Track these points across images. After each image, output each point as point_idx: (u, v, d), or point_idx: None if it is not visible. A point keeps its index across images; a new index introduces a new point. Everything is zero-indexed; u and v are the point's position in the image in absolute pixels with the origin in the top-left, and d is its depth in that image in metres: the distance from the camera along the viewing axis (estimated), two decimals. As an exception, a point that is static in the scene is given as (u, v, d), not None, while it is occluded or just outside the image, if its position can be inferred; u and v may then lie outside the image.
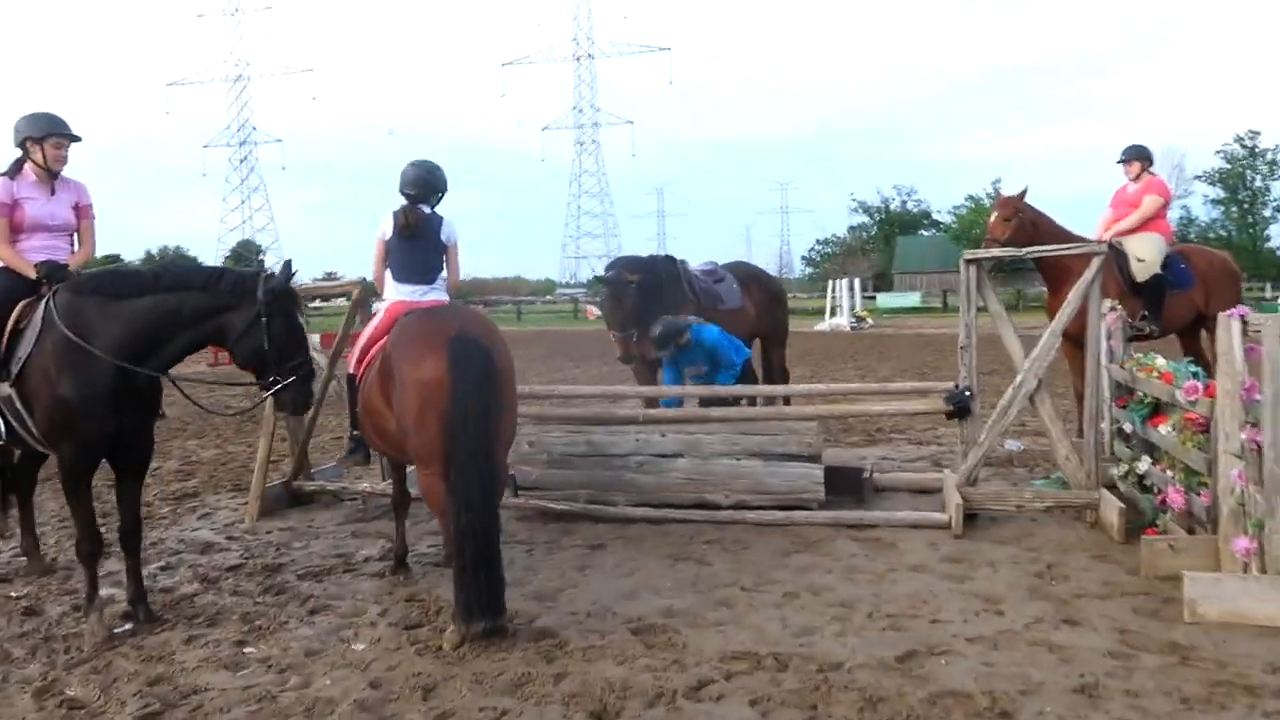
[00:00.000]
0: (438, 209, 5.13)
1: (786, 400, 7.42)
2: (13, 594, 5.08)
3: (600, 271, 7.91)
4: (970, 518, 5.72)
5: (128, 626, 4.51)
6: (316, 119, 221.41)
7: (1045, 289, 7.98)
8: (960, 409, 5.81)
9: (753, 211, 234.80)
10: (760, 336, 8.90)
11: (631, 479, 6.25)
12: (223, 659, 4.10)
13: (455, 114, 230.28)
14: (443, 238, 5.03)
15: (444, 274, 5.09)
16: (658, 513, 6.10)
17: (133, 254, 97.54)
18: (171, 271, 4.52)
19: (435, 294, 4.97)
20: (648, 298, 7.24)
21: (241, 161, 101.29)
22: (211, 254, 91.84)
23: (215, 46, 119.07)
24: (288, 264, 4.66)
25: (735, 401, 6.90)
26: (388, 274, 5.02)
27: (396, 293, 4.96)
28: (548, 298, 73.34)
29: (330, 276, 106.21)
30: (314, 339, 7.29)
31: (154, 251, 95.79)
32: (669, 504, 6.16)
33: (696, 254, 9.17)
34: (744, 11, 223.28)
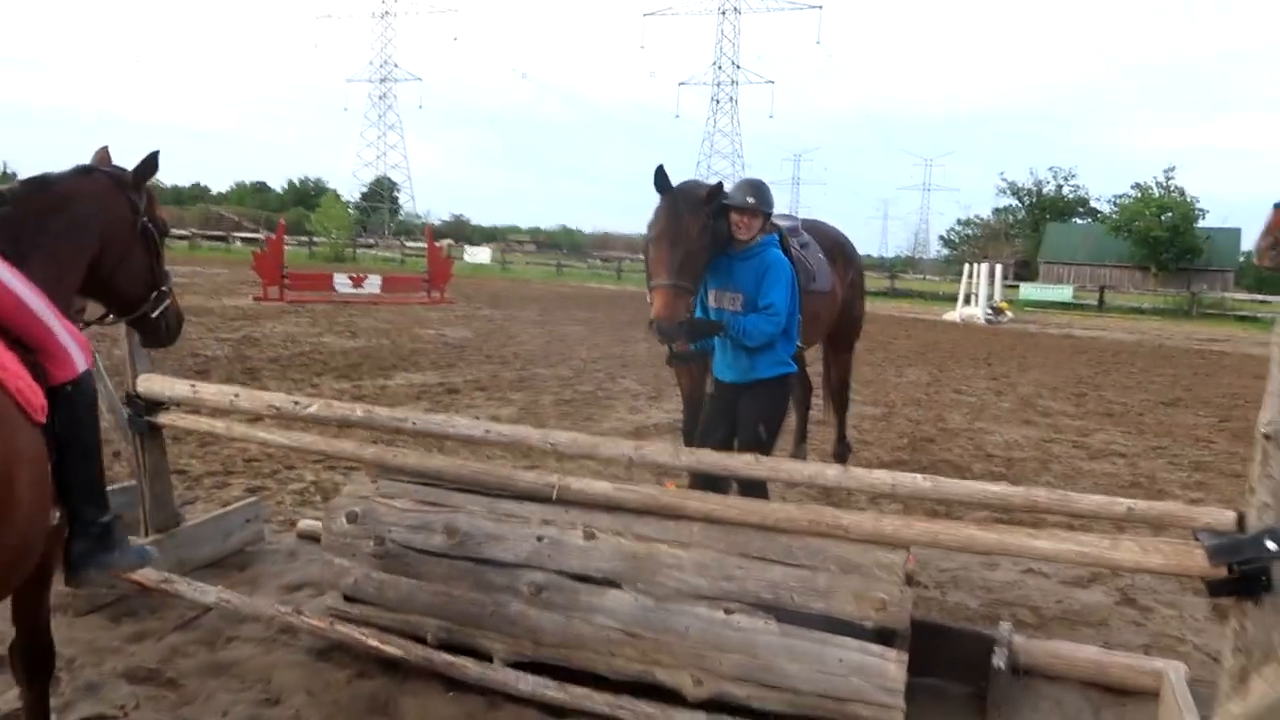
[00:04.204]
0: None
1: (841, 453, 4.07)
2: None
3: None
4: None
5: None
6: (456, 60, 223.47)
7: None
8: (1251, 579, 2.47)
9: (893, 186, 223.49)
10: (829, 335, 5.82)
11: (522, 613, 3.16)
12: None
13: (591, 62, 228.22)
14: None
15: None
16: (558, 692, 3.02)
17: (276, 182, 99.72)
18: None
19: None
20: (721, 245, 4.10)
21: (381, 98, 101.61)
22: (346, 187, 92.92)
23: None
24: None
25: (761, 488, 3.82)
26: None
27: None
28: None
29: (458, 219, 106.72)
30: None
31: (295, 181, 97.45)
32: (588, 671, 3.07)
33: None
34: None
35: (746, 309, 4.11)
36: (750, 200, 3.98)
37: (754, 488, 3.73)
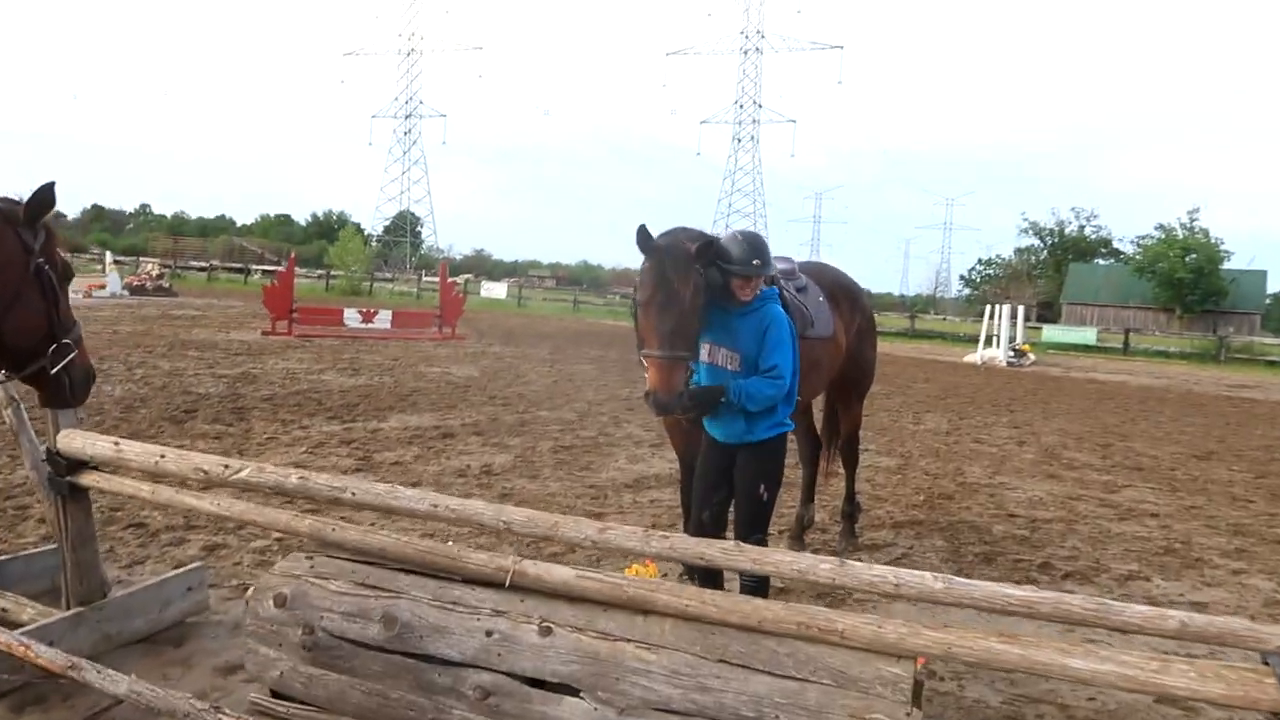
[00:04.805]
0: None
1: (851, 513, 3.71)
2: None
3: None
4: None
5: None
6: (480, 97, 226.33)
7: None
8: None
9: (914, 225, 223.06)
10: (835, 384, 5.53)
11: (466, 720, 2.72)
12: None
13: (613, 100, 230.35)
14: None
15: None
16: (505, 819, 2.57)
17: (300, 215, 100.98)
18: None
19: None
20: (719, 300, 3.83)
21: (405, 134, 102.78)
22: (370, 221, 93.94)
23: (391, 19, 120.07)
24: None
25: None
26: None
27: None
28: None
29: (479, 253, 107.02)
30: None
31: (319, 214, 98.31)
32: (539, 796, 2.62)
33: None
34: (924, 12, 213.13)
35: (746, 368, 3.78)
36: (756, 263, 3.67)
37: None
